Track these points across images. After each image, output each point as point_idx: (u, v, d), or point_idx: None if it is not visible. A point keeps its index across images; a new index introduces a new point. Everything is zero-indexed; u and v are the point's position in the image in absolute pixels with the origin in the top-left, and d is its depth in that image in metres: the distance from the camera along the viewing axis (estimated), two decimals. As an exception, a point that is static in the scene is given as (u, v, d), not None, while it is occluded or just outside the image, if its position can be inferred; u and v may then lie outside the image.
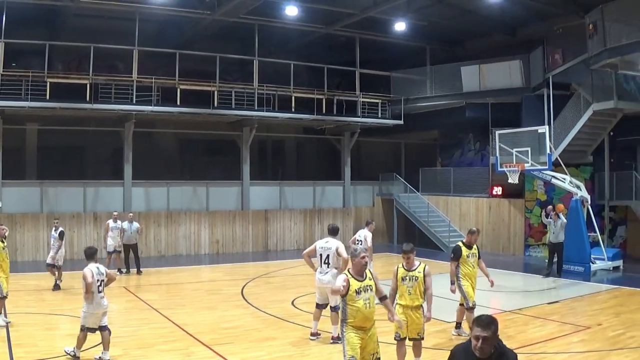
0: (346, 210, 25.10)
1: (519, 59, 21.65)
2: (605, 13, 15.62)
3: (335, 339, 9.05)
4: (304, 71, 24.58)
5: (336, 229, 9.68)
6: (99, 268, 8.28)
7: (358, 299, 6.16)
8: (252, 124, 22.08)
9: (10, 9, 17.83)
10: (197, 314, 11.32)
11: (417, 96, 24.46)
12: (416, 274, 7.43)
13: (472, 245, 9.40)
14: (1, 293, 9.74)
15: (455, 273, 9.21)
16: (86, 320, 8.10)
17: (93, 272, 8.11)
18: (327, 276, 9.14)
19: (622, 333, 9.75)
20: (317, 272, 9.30)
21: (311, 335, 9.35)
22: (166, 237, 20.95)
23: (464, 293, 9.20)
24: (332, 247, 9.24)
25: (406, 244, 7.63)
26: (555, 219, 15.84)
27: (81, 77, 18.94)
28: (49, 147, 22.15)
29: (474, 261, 9.36)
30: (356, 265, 6.31)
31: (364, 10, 20.46)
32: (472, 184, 23.48)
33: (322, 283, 9.15)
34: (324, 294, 9.17)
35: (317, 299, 9.38)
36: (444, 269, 17.86)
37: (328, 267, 9.19)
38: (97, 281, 8.12)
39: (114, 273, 9.15)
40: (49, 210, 19.51)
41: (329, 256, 9.19)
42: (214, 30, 22.27)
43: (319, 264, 9.28)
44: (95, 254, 8.46)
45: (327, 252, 9.23)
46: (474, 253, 9.37)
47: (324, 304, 9.30)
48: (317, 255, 9.32)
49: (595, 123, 18.98)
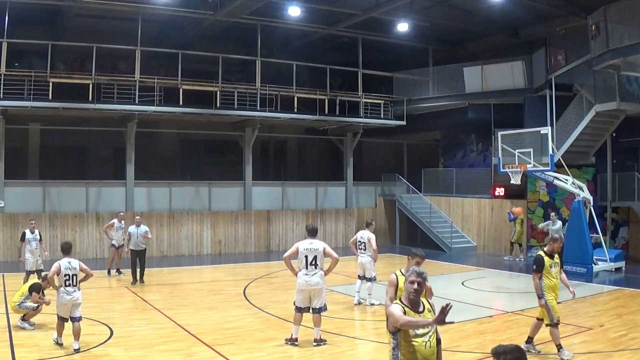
0: (348, 210, 25.09)
1: (522, 60, 21.62)
2: (608, 14, 15.60)
3: (319, 340, 9.00)
4: (307, 72, 24.60)
5: (316, 229, 9.43)
6: (70, 263, 8.87)
7: (416, 338, 4.65)
8: (254, 124, 22.09)
9: (13, 9, 17.86)
10: (199, 314, 11.32)
11: (420, 97, 24.44)
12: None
13: (553, 254, 8.74)
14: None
15: (540, 286, 8.53)
16: (58, 310, 8.79)
17: (60, 266, 8.76)
18: (315, 277, 8.92)
19: (624, 334, 9.73)
20: (301, 275, 8.97)
21: (290, 340, 9.05)
22: (168, 238, 20.96)
23: (548, 308, 8.46)
24: (319, 248, 9.00)
25: (419, 250, 7.47)
26: (554, 221, 15.80)
27: (84, 77, 18.97)
28: (52, 147, 22.22)
29: (557, 272, 8.68)
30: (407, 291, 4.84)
31: (367, 10, 20.46)
32: (475, 185, 23.46)
33: (310, 285, 8.91)
34: (307, 296, 8.97)
35: (299, 302, 9.00)
36: (446, 269, 17.94)
37: (316, 269, 8.94)
38: (65, 275, 8.73)
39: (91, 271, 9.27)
40: (51, 210, 19.54)
41: (315, 257, 8.95)
42: (217, 31, 22.31)
43: (304, 265, 8.95)
44: (70, 249, 9.15)
45: (313, 253, 8.96)
46: (556, 262, 8.69)
47: (307, 307, 9.04)
48: (301, 257, 9.00)
49: (597, 124, 18.94)
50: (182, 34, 22.27)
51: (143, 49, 19.79)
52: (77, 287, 8.86)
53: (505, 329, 10.40)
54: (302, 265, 8.99)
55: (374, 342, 9.64)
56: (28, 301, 9.83)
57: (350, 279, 14.29)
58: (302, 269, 8.98)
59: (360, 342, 9.80)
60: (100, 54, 19.19)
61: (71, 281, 8.76)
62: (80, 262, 9.07)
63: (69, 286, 8.72)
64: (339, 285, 14.65)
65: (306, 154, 29.24)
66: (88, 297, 12.46)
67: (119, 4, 18.80)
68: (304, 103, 22.61)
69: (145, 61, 19.95)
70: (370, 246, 12.19)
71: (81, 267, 8.97)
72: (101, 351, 8.58)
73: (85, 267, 9.08)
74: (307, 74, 24.72)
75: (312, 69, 23.95)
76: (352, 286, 13.10)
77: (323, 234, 24.12)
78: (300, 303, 9.02)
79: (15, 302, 9.80)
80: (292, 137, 27.68)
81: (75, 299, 8.76)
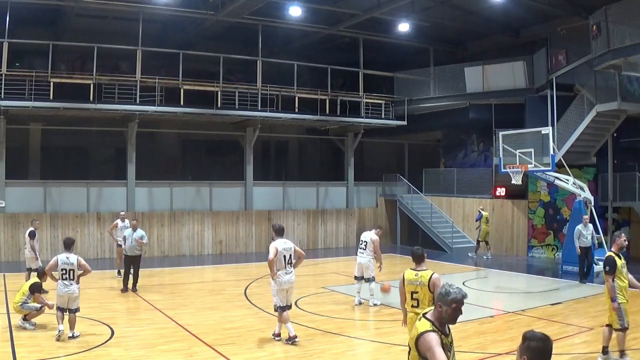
0: (349, 211, 25.09)
1: (523, 60, 21.62)
2: (609, 14, 15.59)
3: (293, 337, 9.12)
4: (308, 72, 24.61)
5: (283, 228, 9.66)
6: (68, 258, 9.28)
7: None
8: (255, 124, 22.09)
9: (14, 9, 17.89)
10: (200, 314, 11.33)
11: (421, 97, 24.44)
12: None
13: (621, 251, 8.38)
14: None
15: (614, 289, 7.97)
16: (57, 300, 9.28)
17: (58, 260, 9.25)
18: (293, 275, 9.26)
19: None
20: (282, 274, 9.10)
21: (275, 336, 9.34)
22: (169, 238, 20.97)
23: (621, 312, 7.97)
24: (292, 247, 9.29)
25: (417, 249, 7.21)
26: (585, 224, 15.63)
27: (85, 77, 18.99)
28: (53, 147, 22.24)
29: (626, 272, 8.18)
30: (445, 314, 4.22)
31: (368, 11, 20.46)
32: (476, 185, 23.48)
33: (291, 283, 9.21)
34: (285, 295, 9.18)
35: (280, 302, 9.15)
36: (447, 269, 17.94)
37: (291, 267, 9.25)
38: (62, 270, 9.18)
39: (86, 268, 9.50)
40: (52, 210, 19.56)
41: (291, 255, 9.23)
42: (218, 31, 22.32)
43: (283, 265, 9.13)
44: (71, 245, 9.52)
45: (289, 252, 9.20)
46: (624, 263, 8.22)
47: (288, 305, 9.27)
48: (280, 257, 9.14)
49: (598, 124, 18.93)
50: (183, 34, 22.28)
51: (144, 49, 19.80)
52: (75, 282, 9.23)
53: (506, 329, 10.40)
54: (282, 264, 9.15)
55: (375, 342, 9.65)
56: (30, 301, 9.87)
57: (352, 279, 14.27)
58: (282, 269, 9.15)
59: (360, 342, 9.80)
60: (101, 54, 19.20)
61: (68, 275, 9.19)
62: (79, 258, 9.39)
63: (65, 279, 9.18)
64: (340, 286, 14.67)
65: (307, 154, 29.25)
66: (90, 297, 12.52)
67: (120, 4, 18.81)
68: (305, 103, 22.62)
69: (146, 61, 19.96)
70: (371, 247, 12.17)
71: (79, 263, 9.31)
72: (102, 351, 8.58)
73: (84, 263, 9.38)
74: (308, 74, 24.73)
75: (313, 69, 23.96)
76: (353, 286, 13.10)
77: (324, 234, 24.18)
78: (281, 302, 9.20)
79: (17, 302, 9.83)
80: (293, 137, 27.68)
81: (71, 292, 9.16)
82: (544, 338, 3.64)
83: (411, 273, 6.83)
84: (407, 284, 6.79)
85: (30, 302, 9.88)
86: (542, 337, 3.64)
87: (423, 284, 6.65)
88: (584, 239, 15.47)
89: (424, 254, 7.10)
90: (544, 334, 3.67)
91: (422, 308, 6.38)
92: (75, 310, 9.24)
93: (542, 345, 3.62)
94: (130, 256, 13.58)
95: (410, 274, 6.81)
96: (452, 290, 4.20)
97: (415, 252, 7.10)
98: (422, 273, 6.76)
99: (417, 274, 6.78)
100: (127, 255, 13.63)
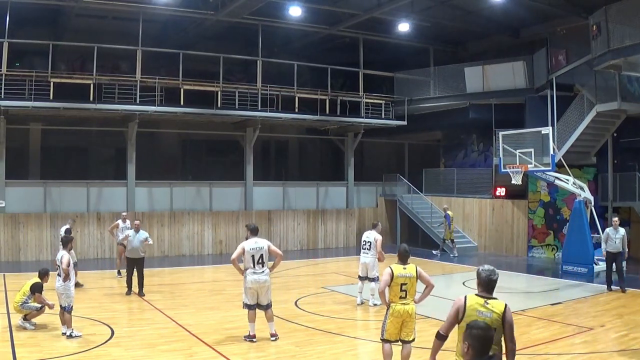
0: (349, 211, 25.10)
1: (523, 60, 21.62)
2: (609, 14, 15.57)
3: (274, 335, 9.29)
4: (308, 72, 24.61)
5: (257, 228, 9.69)
6: (62, 256, 9.45)
7: None
8: (255, 124, 22.09)
9: (14, 9, 17.88)
10: (200, 314, 11.33)
11: (421, 97, 24.43)
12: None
13: None
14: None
15: None
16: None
17: (57, 256, 9.63)
18: (263, 275, 9.20)
19: (625, 334, 9.73)
20: (249, 273, 9.15)
21: (249, 337, 9.30)
22: (169, 238, 20.97)
23: None
24: (264, 246, 9.28)
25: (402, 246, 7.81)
26: (616, 227, 14.77)
27: (84, 77, 18.99)
28: (53, 147, 22.24)
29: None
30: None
31: (368, 11, 20.46)
32: (476, 185, 23.47)
33: (259, 283, 9.16)
34: (255, 294, 9.21)
35: (249, 300, 9.24)
36: (447, 269, 17.96)
37: (263, 267, 9.24)
38: (57, 266, 9.53)
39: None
40: (52, 210, 19.55)
41: (262, 256, 9.23)
42: (218, 31, 22.32)
43: (251, 264, 9.16)
44: (66, 243, 9.79)
45: (259, 252, 9.21)
46: None
47: (255, 305, 9.29)
48: (248, 257, 9.18)
49: (598, 124, 18.94)
50: (183, 34, 22.29)
51: (144, 49, 19.80)
52: (62, 278, 9.38)
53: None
54: (250, 264, 9.20)
55: (375, 342, 9.63)
56: (30, 301, 9.87)
57: (352, 279, 14.30)
58: (250, 268, 9.19)
59: (361, 342, 9.80)
60: (101, 54, 19.20)
61: (59, 271, 9.45)
62: (65, 256, 9.39)
63: (58, 275, 9.45)
64: (341, 286, 14.67)
65: (307, 154, 29.26)
66: (90, 297, 12.56)
67: (120, 4, 18.81)
68: (305, 103, 22.62)
69: (146, 61, 19.96)
70: (375, 247, 12.15)
71: (62, 260, 9.40)
72: (102, 351, 8.58)
73: (66, 261, 9.35)
74: (308, 74, 24.73)
75: (313, 69, 23.96)
76: (353, 286, 13.10)
77: (324, 234, 24.18)
78: (250, 300, 9.26)
79: (17, 302, 9.82)
80: (293, 137, 27.68)
81: (57, 288, 9.36)
82: (484, 327, 4.18)
83: (399, 267, 7.42)
84: (397, 276, 7.33)
85: (31, 302, 9.87)
86: (483, 326, 4.19)
87: (412, 276, 7.39)
88: (612, 243, 14.19)
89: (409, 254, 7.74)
90: (485, 323, 4.27)
91: (408, 299, 7.33)
92: (66, 308, 9.29)
93: (482, 333, 4.09)
94: (133, 258, 13.04)
95: (398, 269, 7.39)
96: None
97: (405, 251, 7.66)
98: (408, 267, 7.46)
99: (405, 267, 7.44)
100: (129, 257, 13.10)
